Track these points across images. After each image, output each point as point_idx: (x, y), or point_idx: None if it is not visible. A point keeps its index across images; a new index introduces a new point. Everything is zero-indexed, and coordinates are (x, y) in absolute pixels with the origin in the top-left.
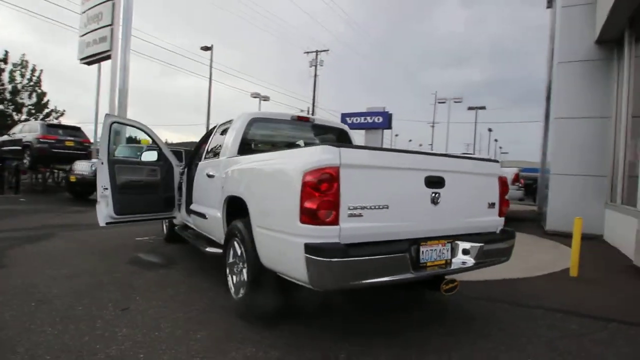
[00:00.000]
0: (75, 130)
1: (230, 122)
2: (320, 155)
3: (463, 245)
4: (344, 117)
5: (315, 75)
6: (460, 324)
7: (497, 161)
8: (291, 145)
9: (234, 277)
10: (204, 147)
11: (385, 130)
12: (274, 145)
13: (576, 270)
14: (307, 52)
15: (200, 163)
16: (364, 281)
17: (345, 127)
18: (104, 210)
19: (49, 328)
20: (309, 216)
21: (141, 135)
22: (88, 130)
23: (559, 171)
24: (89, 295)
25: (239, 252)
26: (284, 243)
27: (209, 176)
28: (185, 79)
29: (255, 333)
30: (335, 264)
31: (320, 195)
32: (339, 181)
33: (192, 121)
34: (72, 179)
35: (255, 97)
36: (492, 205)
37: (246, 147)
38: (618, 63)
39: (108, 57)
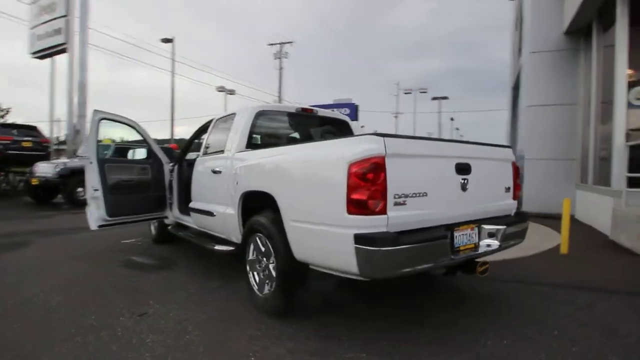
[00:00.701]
0: (31, 130)
1: (231, 115)
2: (366, 145)
3: (488, 228)
4: None
5: (281, 68)
6: (481, 304)
7: (510, 147)
8: (301, 138)
9: (257, 274)
10: (199, 143)
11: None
12: (281, 138)
13: (566, 248)
14: (272, 44)
15: (198, 159)
16: (411, 268)
17: (346, 119)
18: (95, 212)
19: (69, 340)
20: (357, 207)
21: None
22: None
23: (533, 156)
24: (95, 302)
25: (262, 248)
26: (328, 235)
27: (215, 172)
28: (142, 73)
29: (287, 327)
30: (387, 253)
31: (369, 185)
32: (386, 170)
33: (150, 117)
34: (34, 182)
35: (220, 91)
36: (507, 189)
37: (254, 141)
38: (585, 52)
39: (64, 51)
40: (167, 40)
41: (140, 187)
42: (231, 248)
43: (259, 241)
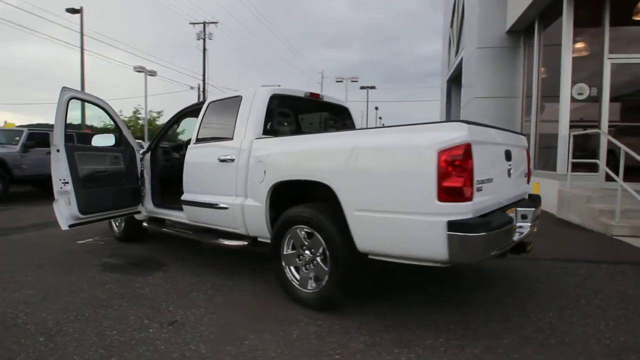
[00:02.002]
0: None
1: (236, 99)
2: (454, 132)
3: (522, 210)
4: None
5: (205, 49)
6: (497, 282)
7: (525, 135)
8: (311, 124)
9: (295, 268)
10: (172, 130)
11: None
12: (291, 124)
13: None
14: (194, 24)
15: (192, 147)
16: (494, 251)
17: (347, 104)
18: (65, 209)
19: None
20: (449, 194)
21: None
22: None
23: None
24: (104, 316)
25: (305, 241)
26: (410, 223)
27: (223, 161)
28: (37, 47)
29: (347, 321)
30: (482, 238)
31: (459, 172)
32: (472, 157)
33: (36, 99)
34: None
35: (139, 72)
36: (525, 174)
37: (268, 126)
38: (525, 50)
39: None
40: (74, 11)
41: (113, 178)
42: (243, 243)
43: (300, 234)
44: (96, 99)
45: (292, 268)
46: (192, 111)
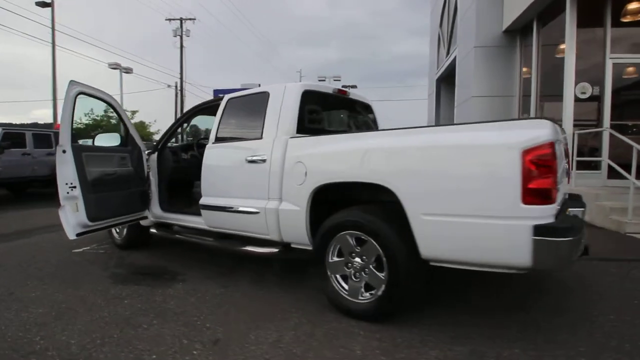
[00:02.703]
0: None
1: (262, 95)
2: (539, 130)
3: (574, 211)
4: (216, 93)
5: (182, 47)
6: (539, 285)
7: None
8: (339, 121)
9: (344, 277)
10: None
11: None
12: (321, 122)
13: None
14: (170, 20)
15: (210, 147)
16: (573, 257)
17: (370, 102)
18: (72, 217)
19: None
20: (535, 196)
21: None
22: None
23: None
24: (136, 337)
25: (356, 248)
26: (490, 228)
27: (252, 162)
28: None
29: (404, 333)
30: (569, 243)
31: (546, 173)
32: (556, 157)
33: (9, 96)
34: None
35: (114, 69)
36: (567, 172)
37: (301, 124)
38: (521, 49)
39: None
40: (44, 4)
41: (122, 181)
42: (274, 250)
43: (349, 240)
44: (105, 95)
45: (338, 277)
46: (205, 109)
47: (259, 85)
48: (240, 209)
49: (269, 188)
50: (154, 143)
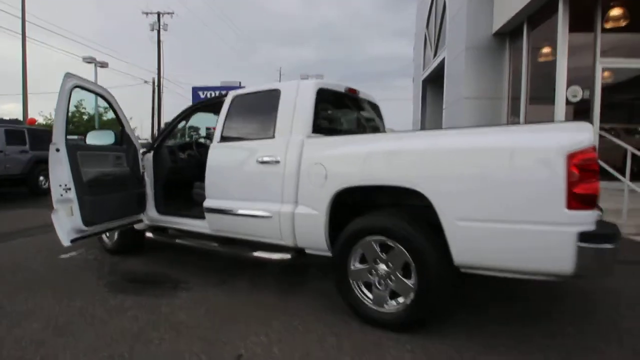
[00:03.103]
0: None
1: (272, 92)
2: (581, 133)
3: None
4: (196, 91)
5: (159, 41)
6: (559, 292)
7: None
8: (349, 121)
9: (367, 285)
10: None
11: None
12: (332, 122)
13: None
14: (147, 13)
15: (216, 146)
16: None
17: (378, 101)
18: (67, 221)
19: None
20: (580, 201)
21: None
22: None
23: None
24: (149, 356)
25: (381, 255)
26: (532, 234)
27: (263, 162)
28: None
29: (442, 344)
30: (613, 250)
31: (591, 177)
32: (597, 160)
33: None
34: None
35: (89, 62)
36: None
37: (314, 124)
38: (510, 52)
39: None
40: None
41: (118, 182)
42: (287, 256)
43: (374, 246)
44: (102, 89)
45: (360, 284)
46: (207, 106)
47: (239, 84)
48: (250, 212)
49: (283, 191)
50: (149, 142)
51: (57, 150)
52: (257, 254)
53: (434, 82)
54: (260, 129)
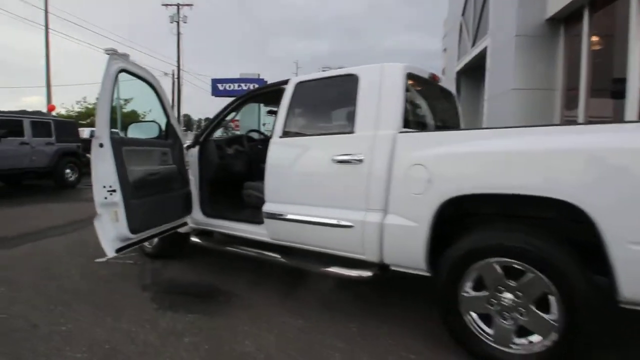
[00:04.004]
0: None
1: (348, 78)
2: None
3: None
4: (215, 83)
5: (179, 33)
6: None
7: None
8: (436, 114)
9: (484, 317)
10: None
11: None
12: (417, 113)
13: None
14: (166, 5)
15: (277, 142)
16: None
17: (452, 90)
18: (112, 228)
19: None
20: None
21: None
22: None
23: None
24: None
25: (508, 281)
26: None
27: (342, 162)
28: None
29: None
30: None
31: None
32: None
33: None
34: None
35: (110, 54)
36: None
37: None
38: (565, 39)
39: None
40: None
41: (165, 182)
42: (367, 273)
43: (498, 270)
44: (148, 74)
45: (474, 316)
46: (261, 95)
47: (258, 76)
48: (324, 220)
49: (369, 196)
50: (196, 134)
51: (101, 145)
52: (332, 269)
53: (468, 74)
54: (334, 123)
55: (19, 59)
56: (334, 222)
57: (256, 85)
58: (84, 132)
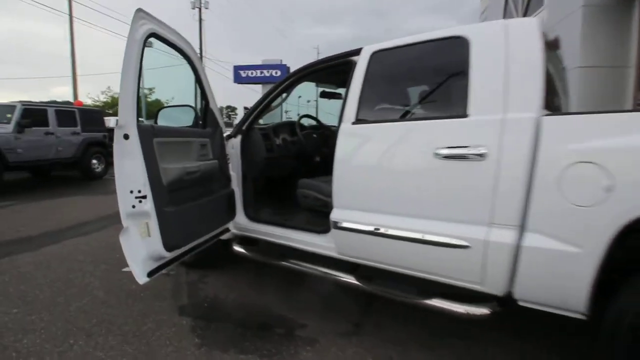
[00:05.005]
0: None
1: (448, 42)
2: None
3: None
4: (237, 69)
5: (200, 19)
6: None
7: None
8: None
9: None
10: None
11: None
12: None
13: None
14: None
15: (350, 128)
16: None
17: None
18: (142, 246)
19: None
20: None
21: None
22: None
23: None
24: None
25: None
26: None
27: (452, 157)
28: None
29: None
30: None
31: None
32: None
33: (12, 74)
34: None
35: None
36: None
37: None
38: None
39: None
40: None
41: (205, 181)
42: (484, 311)
43: None
44: (186, 44)
45: None
46: (321, 70)
47: (281, 61)
48: (422, 237)
49: (495, 207)
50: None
51: (126, 137)
52: (435, 302)
53: None
54: (434, 103)
55: (47, 48)
56: (438, 239)
57: (279, 72)
58: (110, 122)
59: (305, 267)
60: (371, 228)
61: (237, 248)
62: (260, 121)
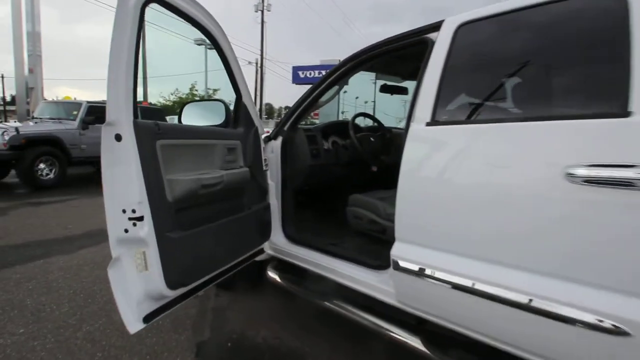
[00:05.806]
0: None
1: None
2: None
3: None
4: (296, 70)
5: (263, 22)
6: None
7: None
8: None
9: None
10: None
11: None
12: None
13: None
14: None
15: (424, 131)
16: None
17: None
18: (136, 282)
19: None
20: None
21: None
22: None
23: None
24: None
25: None
26: None
27: (595, 181)
28: (87, 27)
29: None
30: None
31: None
32: None
33: (97, 75)
34: None
35: (199, 45)
36: None
37: None
38: None
39: None
40: None
41: (231, 195)
42: None
43: None
44: (204, 14)
45: None
46: (385, 54)
47: (339, 61)
48: (543, 306)
49: None
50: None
51: (118, 138)
52: None
53: None
54: (562, 95)
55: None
56: (563, 312)
57: None
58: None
59: (353, 313)
60: (455, 279)
61: (272, 274)
62: (316, 121)
